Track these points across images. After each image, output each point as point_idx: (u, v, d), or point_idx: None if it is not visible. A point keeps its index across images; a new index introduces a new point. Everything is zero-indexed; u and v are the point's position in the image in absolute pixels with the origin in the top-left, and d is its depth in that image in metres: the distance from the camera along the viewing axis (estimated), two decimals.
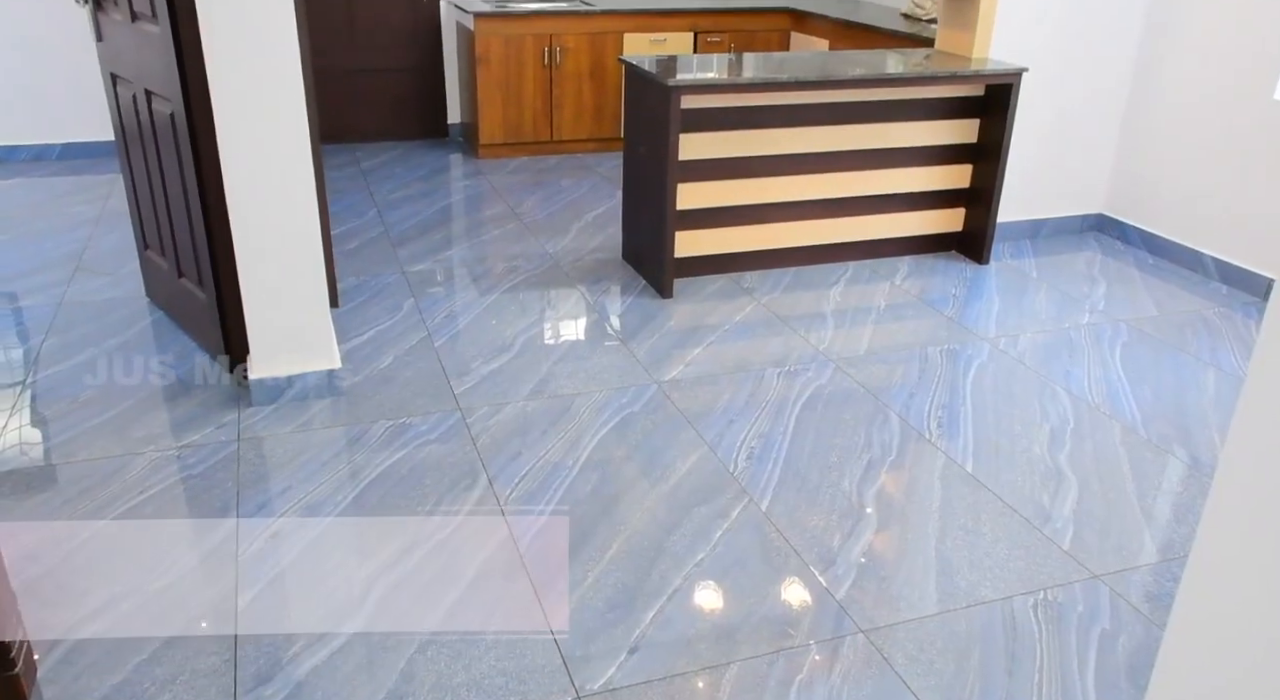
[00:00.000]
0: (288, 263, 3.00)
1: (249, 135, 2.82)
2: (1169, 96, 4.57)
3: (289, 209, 2.94)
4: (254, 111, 2.80)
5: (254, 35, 2.72)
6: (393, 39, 6.28)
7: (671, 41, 6.13)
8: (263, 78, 2.77)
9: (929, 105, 4.34)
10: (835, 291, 4.18)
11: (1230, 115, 4.28)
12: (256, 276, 2.99)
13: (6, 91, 5.61)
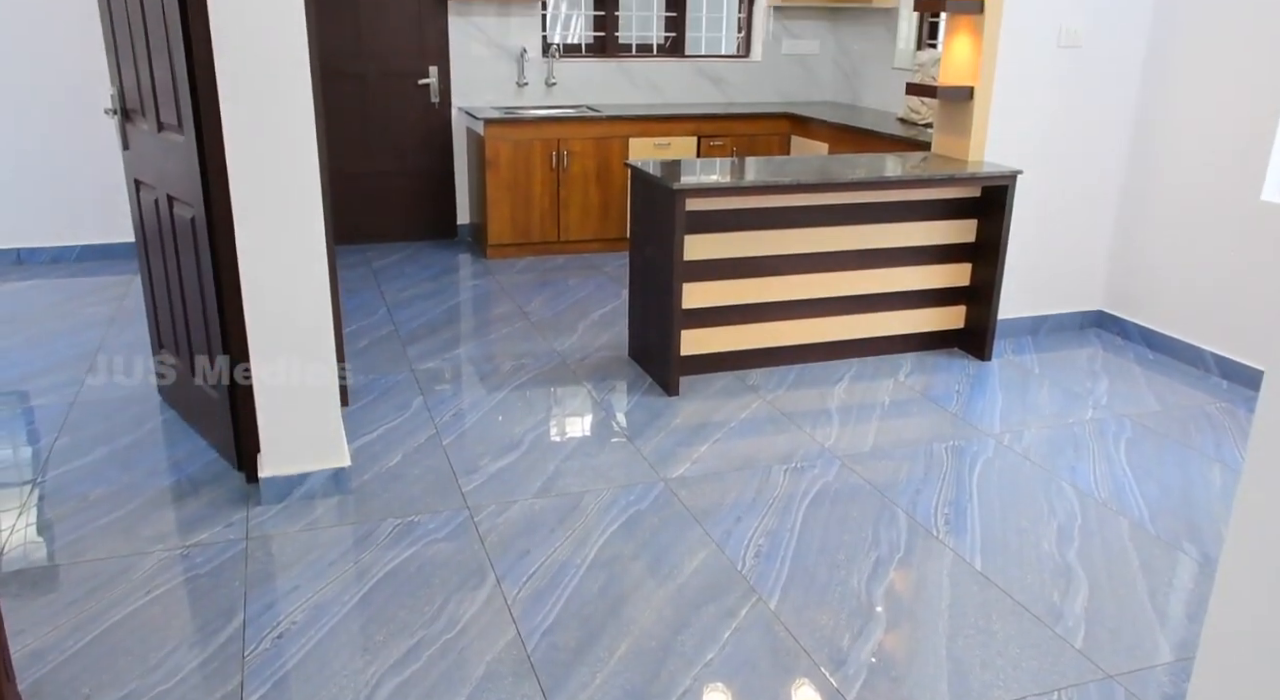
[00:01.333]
0: (301, 363, 3.05)
1: (267, 239, 2.90)
2: (1160, 196, 4.68)
3: (304, 310, 3.00)
4: (272, 216, 2.89)
5: (275, 144, 2.83)
6: (405, 144, 6.47)
7: (675, 145, 6.32)
8: (282, 184, 2.87)
9: (928, 206, 4.45)
10: (840, 388, 4.22)
11: (1221, 214, 4.38)
12: (270, 376, 3.04)
13: (30, 196, 5.77)
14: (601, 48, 6.82)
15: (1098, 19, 4.53)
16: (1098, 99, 4.67)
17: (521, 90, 6.58)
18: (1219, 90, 4.35)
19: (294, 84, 2.82)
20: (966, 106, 4.48)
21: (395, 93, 6.37)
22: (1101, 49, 4.59)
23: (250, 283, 2.93)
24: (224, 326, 3.13)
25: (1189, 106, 4.50)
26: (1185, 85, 4.51)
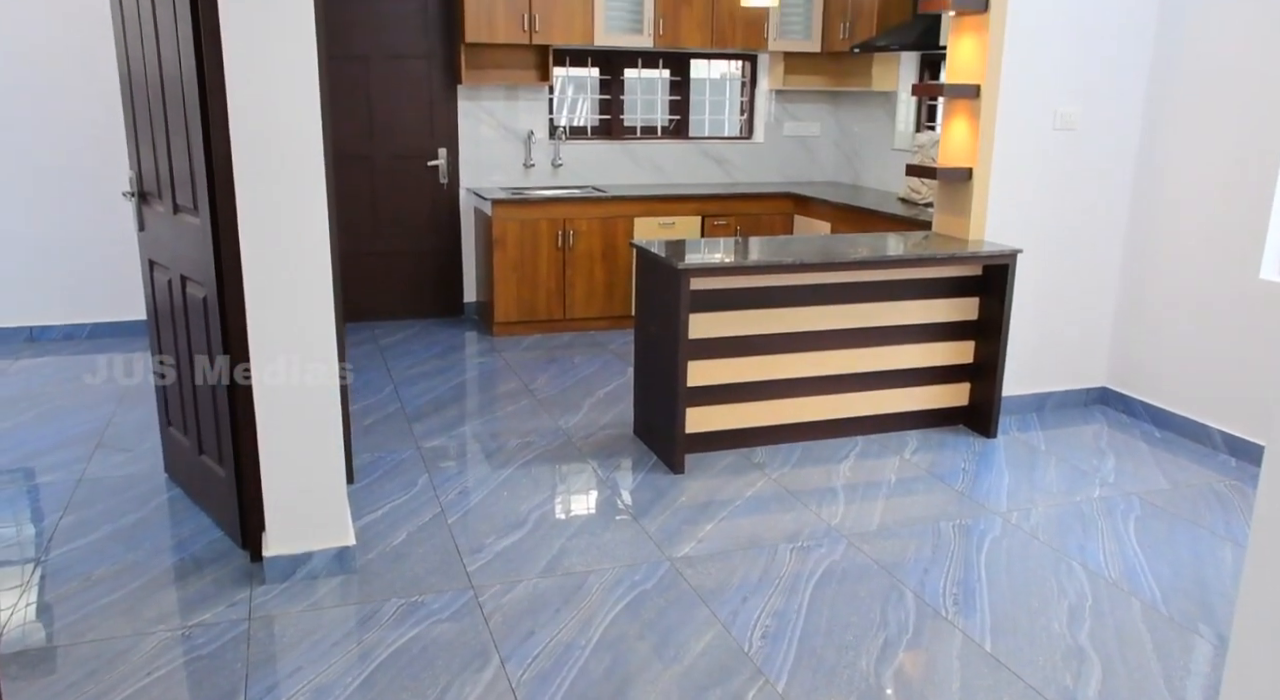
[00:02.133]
0: (308, 441, 3.06)
1: (278, 318, 2.94)
2: (1160, 274, 4.73)
3: (312, 389, 3.03)
4: (284, 297, 2.93)
5: (288, 226, 2.89)
6: (413, 223, 6.58)
7: (680, 224, 6.41)
8: (294, 265, 2.92)
9: (930, 285, 4.50)
10: (845, 466, 4.21)
11: (1221, 293, 4.42)
12: (277, 454, 3.05)
13: (44, 275, 5.86)
14: (607, 130, 6.97)
15: (1091, 103, 4.64)
16: (1094, 179, 4.76)
17: (529, 171, 6.71)
18: (1213, 171, 4.43)
19: (308, 168, 2.89)
20: (966, 187, 4.56)
21: (405, 174, 6.50)
22: (1096, 131, 4.69)
23: (260, 361, 2.96)
24: (232, 404, 3.15)
25: (1185, 186, 4.58)
26: (1180, 166, 4.59)
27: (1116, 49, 4.62)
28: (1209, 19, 4.41)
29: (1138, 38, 4.64)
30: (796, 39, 6.82)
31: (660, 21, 6.43)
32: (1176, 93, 4.59)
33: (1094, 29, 4.55)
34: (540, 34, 6.19)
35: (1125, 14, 4.59)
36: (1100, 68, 4.62)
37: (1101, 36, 4.57)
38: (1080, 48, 4.55)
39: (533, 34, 6.18)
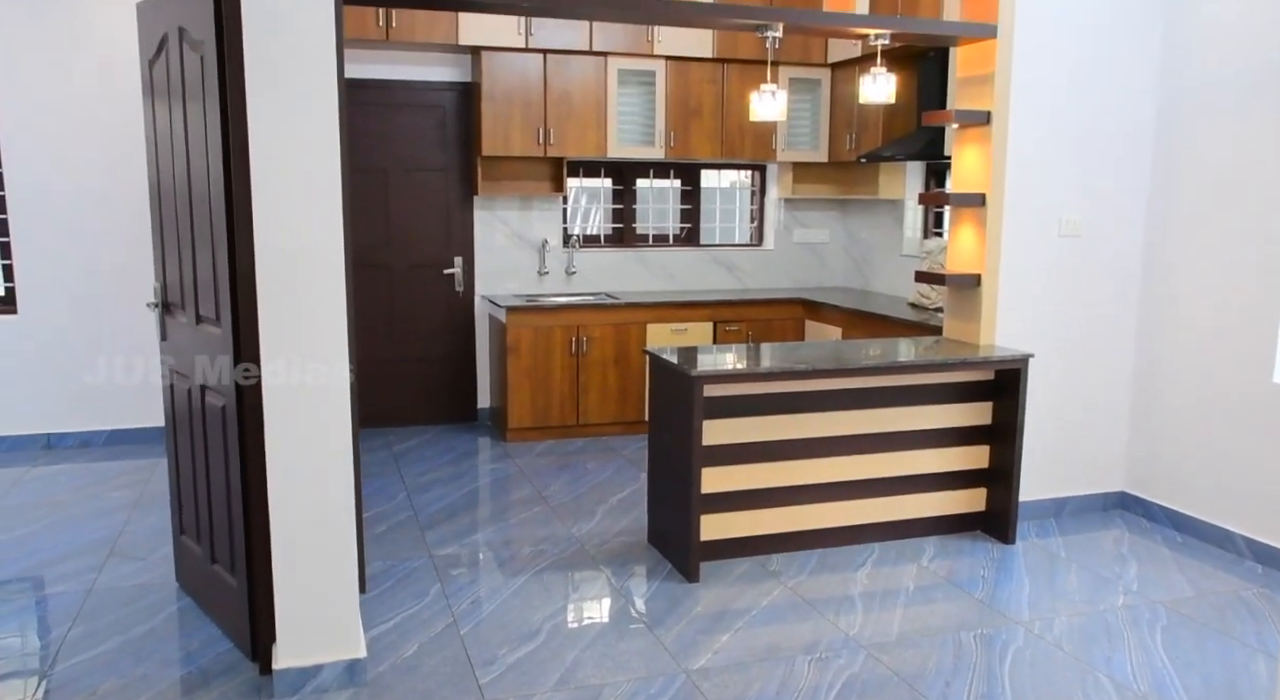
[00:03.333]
0: (321, 552, 3.05)
1: (295, 429, 2.97)
2: (1172, 378, 4.74)
3: (327, 500, 3.03)
4: (302, 408, 2.96)
5: (307, 337, 2.95)
6: (428, 330, 6.67)
7: (692, 330, 6.48)
8: (312, 378, 2.96)
9: (943, 390, 4.51)
10: (863, 573, 4.15)
11: (1234, 397, 4.41)
12: (289, 564, 3.03)
13: (63, 383, 5.93)
14: (620, 238, 7.11)
15: (1095, 210, 4.73)
16: (1102, 284, 4.81)
17: (542, 279, 6.82)
18: (1220, 274, 4.48)
19: (329, 280, 2.96)
20: (975, 293, 4.62)
21: (421, 282, 6.62)
22: (1101, 237, 4.76)
23: (276, 471, 2.98)
24: (247, 513, 3.15)
25: (1192, 290, 4.62)
26: (1186, 269, 4.65)
27: (1117, 156, 4.73)
28: (1207, 123, 4.53)
29: (1137, 144, 4.75)
30: (804, 150, 7.00)
31: (671, 134, 6.62)
32: (1179, 197, 4.68)
33: (1094, 137, 4.67)
34: (554, 147, 6.38)
35: (1124, 121, 4.71)
36: (1102, 175, 4.72)
37: (1102, 145, 4.69)
38: (1081, 156, 4.66)
39: (547, 147, 6.37)
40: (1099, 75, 4.63)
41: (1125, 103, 4.70)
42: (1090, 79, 4.62)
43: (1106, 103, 4.67)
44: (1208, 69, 4.50)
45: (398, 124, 6.45)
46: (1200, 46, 4.53)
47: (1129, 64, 4.67)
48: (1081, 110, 4.63)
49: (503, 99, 6.27)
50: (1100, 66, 4.62)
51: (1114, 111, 4.69)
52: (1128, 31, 4.65)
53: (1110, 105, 4.68)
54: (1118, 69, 4.66)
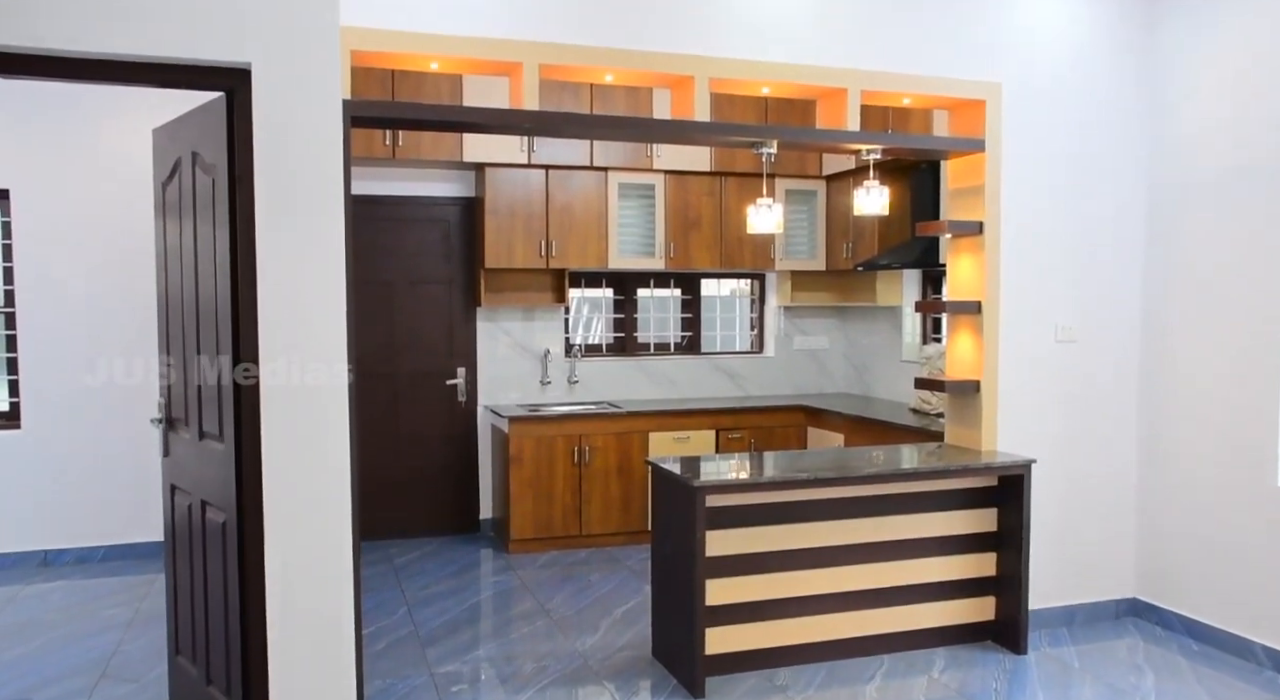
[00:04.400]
0: (320, 673, 3.00)
1: (296, 545, 2.96)
2: (1177, 483, 4.71)
3: (327, 618, 2.99)
4: (303, 523, 2.96)
5: (310, 454, 2.96)
6: (431, 441, 6.67)
7: (695, 439, 6.48)
8: (314, 492, 2.96)
9: (947, 496, 4.48)
10: (872, 687, 4.05)
11: (1239, 501, 4.38)
12: (287, 686, 2.97)
13: (61, 500, 5.91)
14: (621, 347, 7.18)
15: (1091, 316, 4.79)
16: (1102, 388, 4.83)
17: (545, 388, 6.86)
18: (1219, 376, 4.50)
19: (332, 395, 2.99)
20: (975, 399, 4.64)
21: (424, 392, 6.66)
22: (1098, 342, 4.81)
23: (275, 589, 2.95)
24: (244, 632, 3.10)
25: (1192, 393, 4.64)
26: (1185, 372, 4.68)
27: (1110, 261, 4.81)
28: (1196, 224, 4.62)
29: (1129, 248, 4.85)
30: (802, 258, 7.13)
31: (671, 245, 6.75)
32: (1174, 299, 4.74)
33: (1085, 243, 4.76)
34: (557, 258, 6.51)
35: (1114, 226, 4.82)
36: (1096, 280, 4.79)
37: (1093, 250, 4.78)
38: (1074, 262, 4.75)
39: (549, 259, 6.49)
40: (1086, 183, 4.75)
41: (1114, 208, 4.81)
42: (1078, 187, 4.74)
43: (1096, 209, 4.78)
44: (1193, 170, 4.62)
45: (403, 237, 6.59)
46: (1184, 149, 4.67)
47: (1115, 170, 4.80)
48: (1071, 217, 4.74)
49: (506, 213, 6.42)
50: (1088, 174, 4.75)
51: (1104, 217, 4.79)
52: (1112, 140, 4.79)
53: (1099, 211, 4.79)
54: (1105, 176, 4.78)
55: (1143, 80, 4.83)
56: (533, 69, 3.78)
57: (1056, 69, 4.67)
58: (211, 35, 2.92)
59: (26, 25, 2.74)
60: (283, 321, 2.96)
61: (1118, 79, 4.79)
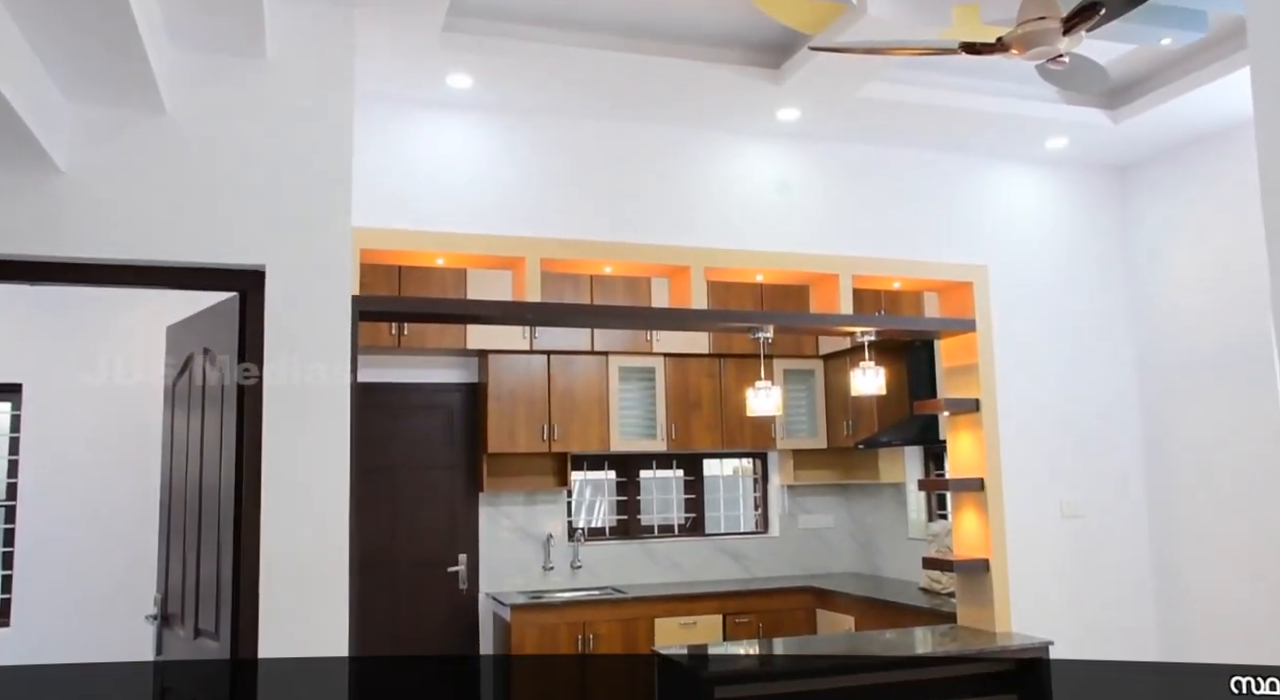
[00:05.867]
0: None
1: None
2: (1201, 658, 4.56)
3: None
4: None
5: (307, 648, 2.89)
6: (431, 628, 6.49)
7: (701, 624, 6.31)
8: (310, 690, 2.88)
9: (964, 682, 4.33)
10: None
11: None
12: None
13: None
14: (625, 530, 7.11)
15: (1095, 490, 4.79)
16: (1113, 563, 4.77)
17: (547, 574, 6.74)
18: (1230, 546, 4.45)
19: (332, 589, 2.96)
20: (985, 578, 4.55)
21: (425, 580, 6.53)
22: (1106, 516, 4.79)
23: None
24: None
25: (1204, 569, 4.57)
26: (1195, 543, 4.62)
27: (1108, 436, 4.86)
28: (1190, 399, 4.70)
29: (1126, 422, 4.91)
30: (803, 437, 7.16)
31: (672, 427, 6.80)
32: (1176, 470, 4.76)
33: (1083, 418, 4.82)
34: (559, 442, 6.54)
35: (1109, 401, 4.89)
36: (1096, 454, 4.82)
37: (1091, 425, 4.84)
38: (1073, 437, 4.79)
39: (551, 443, 6.53)
40: (1078, 358, 4.86)
41: (1108, 383, 4.90)
42: (1070, 363, 4.84)
43: (1090, 384, 4.86)
44: (1182, 350, 4.73)
45: (406, 424, 6.65)
46: (1169, 328, 4.80)
47: (1106, 346, 4.92)
48: (1067, 393, 4.81)
49: (508, 398, 6.50)
50: (1079, 351, 4.87)
51: (1098, 391, 4.87)
52: (1099, 317, 4.94)
53: (1094, 386, 4.87)
54: (1096, 351, 4.90)
55: (1122, 262, 5.02)
56: (535, 263, 3.95)
57: (1039, 251, 4.86)
58: (230, 241, 3.08)
59: (60, 237, 2.89)
60: (286, 511, 2.96)
61: (1098, 260, 4.98)
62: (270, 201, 3.15)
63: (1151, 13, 3.36)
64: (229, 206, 3.11)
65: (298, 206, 3.17)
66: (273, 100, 3.23)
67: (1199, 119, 4.56)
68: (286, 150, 3.19)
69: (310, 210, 3.17)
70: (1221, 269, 4.53)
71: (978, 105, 4.42)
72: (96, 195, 2.99)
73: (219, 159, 3.14)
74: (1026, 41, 3.08)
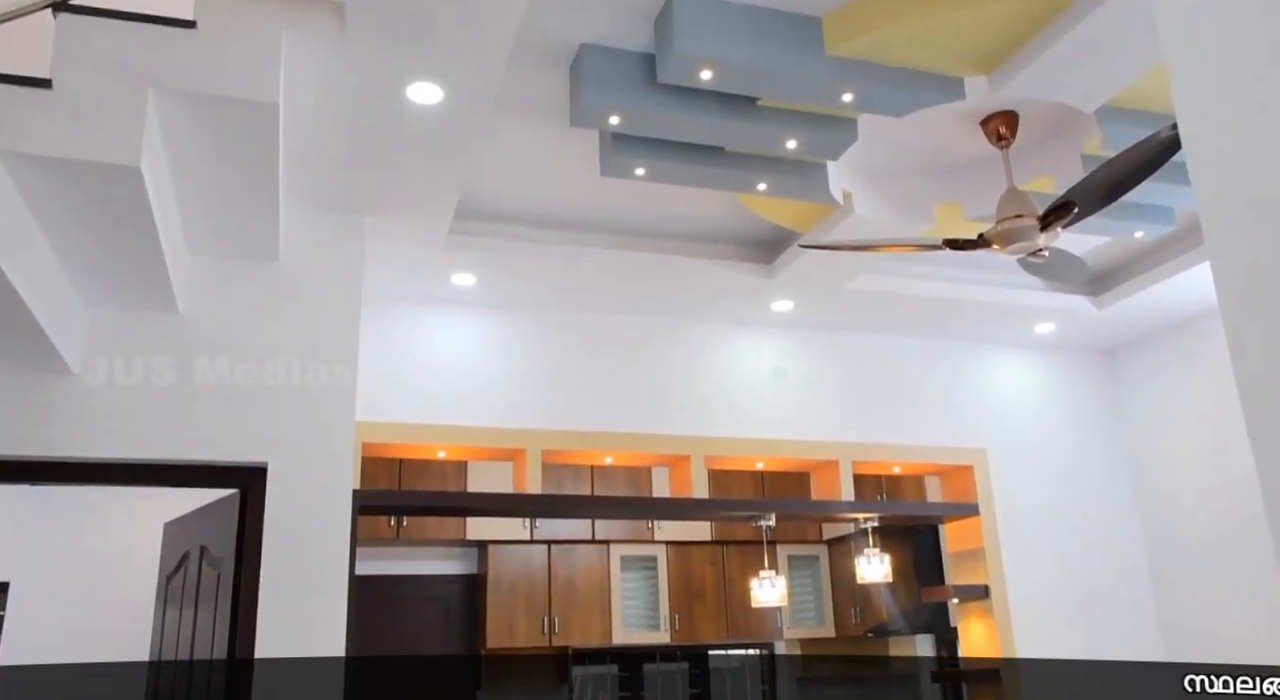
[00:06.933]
0: None
1: None
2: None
3: None
4: None
5: None
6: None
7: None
8: None
9: None
10: None
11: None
12: None
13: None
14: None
15: None
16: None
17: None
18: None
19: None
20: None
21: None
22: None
23: None
24: None
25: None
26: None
27: (1123, 617, 4.75)
28: (1197, 581, 4.59)
29: (1140, 604, 4.80)
30: (810, 626, 6.95)
31: (675, 617, 6.62)
32: (1192, 654, 4.58)
33: (1096, 601, 4.72)
34: (560, 636, 6.34)
35: (1121, 582, 4.81)
36: (1114, 637, 4.69)
37: (1105, 607, 4.74)
38: (1087, 620, 4.67)
39: (552, 637, 6.33)
40: (1085, 540, 4.82)
41: (1118, 563, 4.84)
42: (1078, 544, 4.79)
43: (1099, 566, 4.79)
44: (1191, 526, 4.68)
45: (401, 617, 6.46)
46: (1178, 509, 4.76)
47: (1111, 528, 4.89)
48: (1077, 574, 4.73)
49: (508, 590, 6.35)
50: (1085, 532, 4.83)
51: (1109, 573, 4.80)
52: (1101, 498, 4.94)
53: (1104, 566, 4.80)
54: (1103, 532, 4.86)
55: (1119, 440, 5.05)
56: (535, 454, 3.97)
57: (1037, 433, 4.90)
58: (234, 439, 3.10)
59: (67, 438, 2.92)
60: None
61: (1096, 439, 5.02)
62: (276, 399, 3.19)
63: (1123, 209, 3.53)
64: (236, 405, 3.15)
65: (303, 404, 3.21)
66: (283, 301, 3.33)
67: (1179, 303, 4.69)
68: (295, 349, 3.27)
69: (315, 407, 3.21)
70: (1219, 447, 4.55)
71: (966, 294, 4.56)
72: (106, 396, 3.04)
73: (228, 358, 3.20)
74: (1006, 237, 3.23)
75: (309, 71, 2.69)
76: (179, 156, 2.68)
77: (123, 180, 2.38)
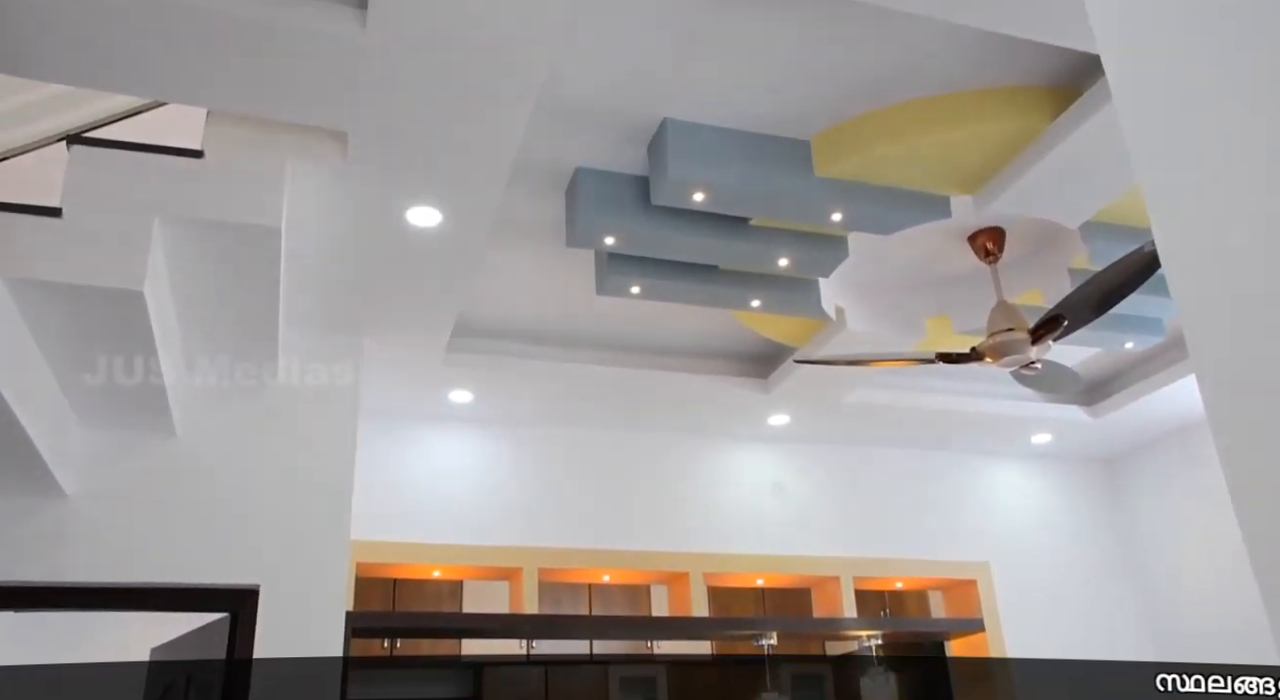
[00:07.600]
0: None
1: None
2: None
3: None
4: None
5: None
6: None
7: None
8: None
9: None
10: None
11: None
12: None
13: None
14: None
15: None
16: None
17: None
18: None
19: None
20: None
21: None
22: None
23: None
24: None
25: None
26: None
27: None
28: None
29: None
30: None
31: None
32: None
33: None
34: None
35: (1131, 696, 4.64)
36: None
37: None
38: None
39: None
40: (1097, 652, 4.68)
41: None
42: (1089, 655, 4.66)
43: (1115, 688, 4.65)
44: (1200, 644, 4.57)
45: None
46: (1188, 618, 4.67)
47: (1122, 637, 4.76)
48: (1084, 693, 4.59)
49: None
50: (1093, 644, 4.70)
51: (1118, 685, 4.65)
52: (1110, 608, 4.83)
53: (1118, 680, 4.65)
54: (1113, 643, 4.73)
55: (1122, 548, 4.99)
56: (532, 574, 3.90)
57: (1039, 544, 4.84)
58: (227, 561, 3.06)
59: (58, 563, 2.87)
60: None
61: (1098, 546, 4.96)
62: (270, 520, 3.16)
63: (1112, 321, 3.57)
64: (229, 527, 3.11)
65: (297, 524, 3.18)
66: (280, 421, 3.33)
67: (1174, 411, 4.70)
68: (290, 469, 3.25)
69: (309, 528, 3.17)
70: (1226, 555, 4.49)
71: (961, 406, 4.57)
72: (99, 519, 3.00)
73: (223, 479, 3.18)
74: (998, 350, 3.25)
75: (310, 196, 2.76)
76: (181, 279, 2.73)
77: (126, 304, 2.42)
